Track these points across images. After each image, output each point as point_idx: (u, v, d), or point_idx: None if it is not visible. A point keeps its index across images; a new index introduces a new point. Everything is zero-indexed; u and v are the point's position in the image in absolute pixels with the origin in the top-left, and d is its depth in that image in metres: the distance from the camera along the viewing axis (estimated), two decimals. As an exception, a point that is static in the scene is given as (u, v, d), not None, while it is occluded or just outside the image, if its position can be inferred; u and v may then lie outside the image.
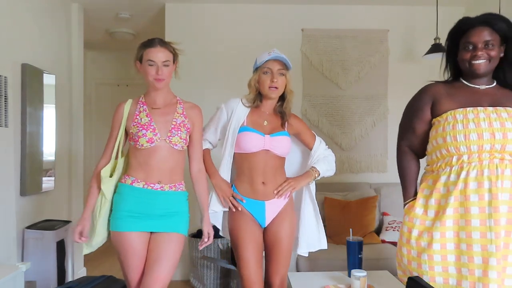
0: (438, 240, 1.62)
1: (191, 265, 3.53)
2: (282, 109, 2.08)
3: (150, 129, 1.87)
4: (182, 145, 1.92)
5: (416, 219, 1.70)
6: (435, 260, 1.62)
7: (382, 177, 3.84)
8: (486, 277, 1.51)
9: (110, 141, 1.98)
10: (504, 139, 1.59)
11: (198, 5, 3.84)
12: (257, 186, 2.02)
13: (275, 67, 1.99)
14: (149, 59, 1.87)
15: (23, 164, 2.83)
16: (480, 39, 1.67)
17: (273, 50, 2.02)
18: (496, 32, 1.68)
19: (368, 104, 3.90)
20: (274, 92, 2.00)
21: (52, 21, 3.39)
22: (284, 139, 2.05)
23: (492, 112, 1.63)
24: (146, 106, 1.94)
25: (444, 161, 1.68)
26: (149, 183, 1.89)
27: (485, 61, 1.67)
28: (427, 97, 1.78)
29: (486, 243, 1.53)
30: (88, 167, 5.23)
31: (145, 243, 1.89)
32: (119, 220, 1.88)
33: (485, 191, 1.57)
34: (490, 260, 1.52)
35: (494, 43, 1.67)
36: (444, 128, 1.66)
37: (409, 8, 3.90)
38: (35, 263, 2.64)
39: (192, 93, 2.41)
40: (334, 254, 3.01)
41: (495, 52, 1.67)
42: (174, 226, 1.90)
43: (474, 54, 1.67)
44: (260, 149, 1.99)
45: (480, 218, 1.56)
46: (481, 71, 1.69)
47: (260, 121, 2.04)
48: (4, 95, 2.60)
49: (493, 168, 1.58)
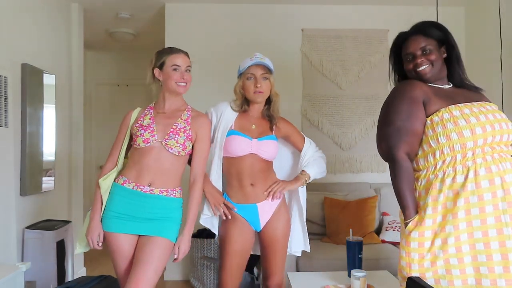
0: (453, 244, 1.55)
1: (191, 265, 3.53)
2: (269, 112, 2.11)
3: (149, 130, 1.92)
4: (178, 150, 1.91)
5: (428, 231, 1.59)
6: (452, 263, 1.55)
7: (382, 177, 3.84)
8: (508, 272, 1.50)
9: (115, 146, 2.02)
10: (501, 129, 1.59)
11: (198, 5, 3.84)
12: (246, 188, 2.03)
13: (258, 72, 2.02)
14: (174, 64, 1.94)
15: (23, 164, 2.83)
16: (416, 47, 1.74)
17: (255, 55, 2.05)
18: (431, 37, 1.75)
19: (368, 104, 3.89)
20: (259, 96, 2.04)
21: (52, 21, 3.39)
22: (271, 143, 2.06)
23: (481, 105, 1.65)
24: (153, 110, 2.01)
25: (445, 163, 1.61)
26: (139, 184, 1.89)
27: (428, 66, 1.72)
28: (419, 93, 1.68)
29: (504, 239, 1.51)
30: (88, 167, 5.24)
31: (132, 245, 1.89)
32: (107, 220, 1.90)
33: (498, 187, 1.54)
34: (509, 256, 1.50)
35: (431, 48, 1.73)
36: (444, 126, 1.60)
37: (409, 8, 3.89)
38: (35, 263, 2.64)
39: (192, 93, 2.41)
40: (334, 254, 3.01)
41: (434, 56, 1.73)
42: (161, 231, 1.87)
43: (416, 63, 1.74)
44: (247, 152, 2.01)
45: (494, 215, 1.53)
46: (428, 76, 1.73)
47: (248, 125, 2.07)
48: (4, 95, 2.60)
49: (497, 163, 1.57)
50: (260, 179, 2.04)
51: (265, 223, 2.06)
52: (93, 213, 1.92)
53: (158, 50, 2.04)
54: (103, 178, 1.94)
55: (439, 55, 1.75)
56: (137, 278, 1.77)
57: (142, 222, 1.88)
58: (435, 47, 1.75)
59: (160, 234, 1.87)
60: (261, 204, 2.04)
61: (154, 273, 1.81)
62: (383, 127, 1.76)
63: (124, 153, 2.01)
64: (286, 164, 2.28)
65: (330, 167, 3.85)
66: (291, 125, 2.21)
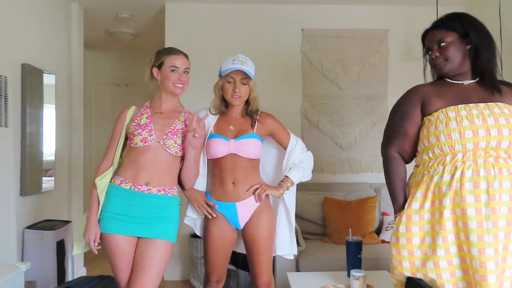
0: (441, 245, 1.55)
1: (191, 265, 3.53)
2: (248, 111, 2.12)
3: (146, 129, 1.92)
4: (176, 151, 1.93)
5: (415, 227, 1.62)
6: (442, 267, 1.56)
7: (382, 177, 3.77)
8: (485, 282, 1.46)
9: (111, 145, 2.01)
10: (499, 135, 1.54)
11: (198, 5, 3.84)
12: (227, 186, 2.06)
13: (238, 77, 2.03)
14: (173, 65, 1.95)
15: (23, 164, 2.83)
16: (432, 41, 1.73)
17: (238, 57, 2.05)
18: (451, 30, 1.70)
19: (368, 104, 3.89)
20: (236, 100, 2.06)
21: (52, 21, 3.39)
22: (250, 141, 2.06)
23: (484, 108, 1.59)
24: (149, 109, 2.01)
25: (436, 161, 1.62)
26: (137, 184, 1.89)
27: (443, 61, 1.70)
28: (416, 97, 1.72)
29: (484, 247, 1.48)
30: (88, 167, 5.24)
31: (132, 245, 1.89)
32: (105, 221, 1.90)
33: (482, 192, 1.51)
34: (488, 264, 1.47)
35: (448, 40, 1.69)
36: (436, 126, 1.61)
37: (409, 8, 3.89)
38: (35, 263, 2.64)
39: (192, 93, 2.41)
40: (334, 254, 3.01)
41: (450, 51, 1.68)
42: (161, 233, 1.88)
43: (431, 58, 1.74)
44: (227, 153, 2.03)
45: (476, 220, 1.50)
46: (444, 70, 1.70)
47: (226, 127, 2.09)
48: (4, 95, 2.60)
49: (489, 168, 1.53)
50: (242, 178, 2.06)
51: (246, 223, 2.08)
52: (90, 213, 1.91)
53: (158, 50, 2.06)
54: (99, 177, 1.93)
55: (458, 49, 1.68)
56: (143, 283, 1.81)
57: (141, 223, 1.88)
58: (456, 39, 1.68)
59: (160, 236, 1.88)
60: (240, 204, 2.05)
61: (158, 276, 1.85)
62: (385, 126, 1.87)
63: (120, 152, 2.01)
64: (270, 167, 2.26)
65: (330, 167, 3.87)
66: (277, 122, 2.17)
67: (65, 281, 2.93)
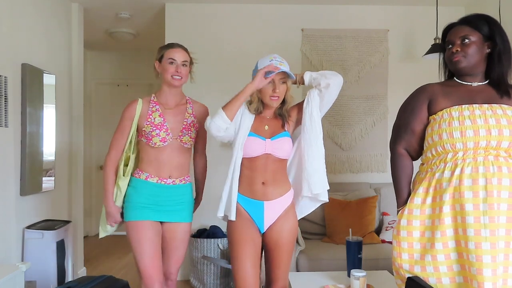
0: (439, 239, 1.60)
1: (191, 265, 3.53)
2: (281, 111, 2.08)
3: (163, 129, 2.05)
4: (191, 143, 2.15)
5: (416, 221, 1.68)
6: (439, 260, 1.60)
7: (382, 177, 3.84)
8: (480, 275, 1.50)
9: (119, 134, 2.12)
10: (500, 135, 1.59)
11: (198, 5, 3.84)
12: (257, 186, 2.01)
13: (277, 76, 1.97)
14: (170, 57, 2.06)
15: (23, 164, 2.83)
16: (456, 36, 1.72)
17: (275, 57, 1.98)
18: (477, 30, 1.71)
19: (368, 104, 3.90)
20: (275, 101, 2.01)
21: (52, 21, 3.39)
22: (284, 140, 2.05)
23: (487, 109, 1.64)
24: (159, 106, 2.11)
25: (439, 158, 1.68)
26: (162, 178, 2.09)
27: (462, 56, 1.70)
28: (423, 96, 1.77)
29: (480, 241, 1.52)
30: (88, 167, 5.24)
31: (159, 230, 2.09)
32: (135, 210, 2.06)
33: (480, 188, 1.56)
34: (484, 258, 1.51)
35: (472, 39, 1.69)
36: (440, 125, 1.66)
37: (409, 8, 3.89)
38: (35, 263, 2.64)
39: (192, 93, 2.41)
40: (334, 254, 3.01)
41: (472, 49, 1.69)
42: (183, 216, 2.16)
43: (451, 51, 1.73)
44: (262, 153, 2.00)
45: (474, 215, 1.55)
46: (461, 66, 1.71)
47: (262, 127, 2.06)
48: (4, 95, 2.60)
49: (488, 165, 1.58)
50: (271, 178, 2.02)
51: (270, 225, 2.02)
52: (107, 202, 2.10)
53: (161, 45, 2.17)
54: (122, 179, 2.09)
55: (479, 49, 1.70)
56: (177, 259, 2.18)
57: (167, 210, 2.10)
58: (479, 40, 1.70)
59: (184, 219, 2.17)
60: (268, 203, 2.01)
61: (185, 251, 2.23)
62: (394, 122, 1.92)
63: (133, 148, 2.13)
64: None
65: (330, 167, 3.86)
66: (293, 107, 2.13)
67: (65, 281, 2.93)
